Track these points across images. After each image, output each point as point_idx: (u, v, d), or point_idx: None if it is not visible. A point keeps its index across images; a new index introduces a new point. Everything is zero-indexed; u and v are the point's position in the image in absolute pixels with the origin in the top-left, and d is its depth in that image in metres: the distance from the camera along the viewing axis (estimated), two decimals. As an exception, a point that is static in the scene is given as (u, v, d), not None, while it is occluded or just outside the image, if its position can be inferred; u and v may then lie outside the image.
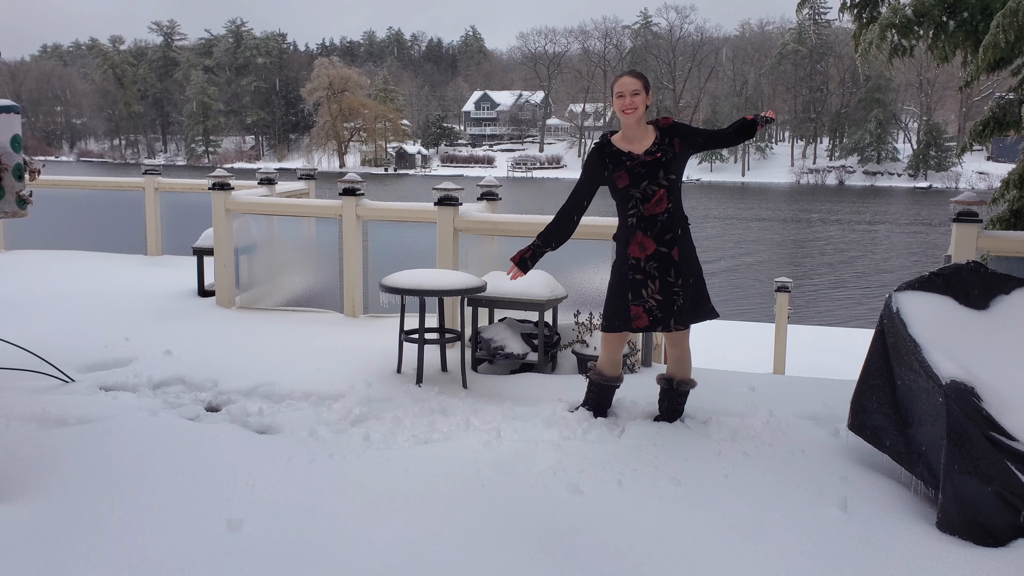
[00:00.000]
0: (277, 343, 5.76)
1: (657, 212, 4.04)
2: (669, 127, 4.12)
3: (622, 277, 4.12)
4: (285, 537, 3.08)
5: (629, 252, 4.09)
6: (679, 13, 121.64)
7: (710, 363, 6.55)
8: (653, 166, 4.03)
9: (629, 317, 4.10)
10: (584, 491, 3.52)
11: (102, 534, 3.06)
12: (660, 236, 4.06)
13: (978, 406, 3.24)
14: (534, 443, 4.05)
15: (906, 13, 6.06)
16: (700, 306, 4.17)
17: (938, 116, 75.37)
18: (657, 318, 4.09)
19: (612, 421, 4.35)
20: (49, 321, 6.22)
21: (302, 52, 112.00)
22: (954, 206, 5.15)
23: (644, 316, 4.08)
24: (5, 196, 3.96)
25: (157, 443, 3.91)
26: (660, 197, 4.03)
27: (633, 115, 4.03)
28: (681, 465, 3.80)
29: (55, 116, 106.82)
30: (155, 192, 9.28)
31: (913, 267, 29.45)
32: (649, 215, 4.04)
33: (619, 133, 4.16)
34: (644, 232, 4.05)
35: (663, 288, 4.06)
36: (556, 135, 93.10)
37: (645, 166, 4.03)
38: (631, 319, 4.10)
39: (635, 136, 4.10)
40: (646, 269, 4.06)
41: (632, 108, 4.02)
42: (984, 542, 3.10)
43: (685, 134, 4.12)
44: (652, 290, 4.06)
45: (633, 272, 4.08)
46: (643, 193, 4.03)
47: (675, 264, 4.07)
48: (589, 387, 4.38)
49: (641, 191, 4.03)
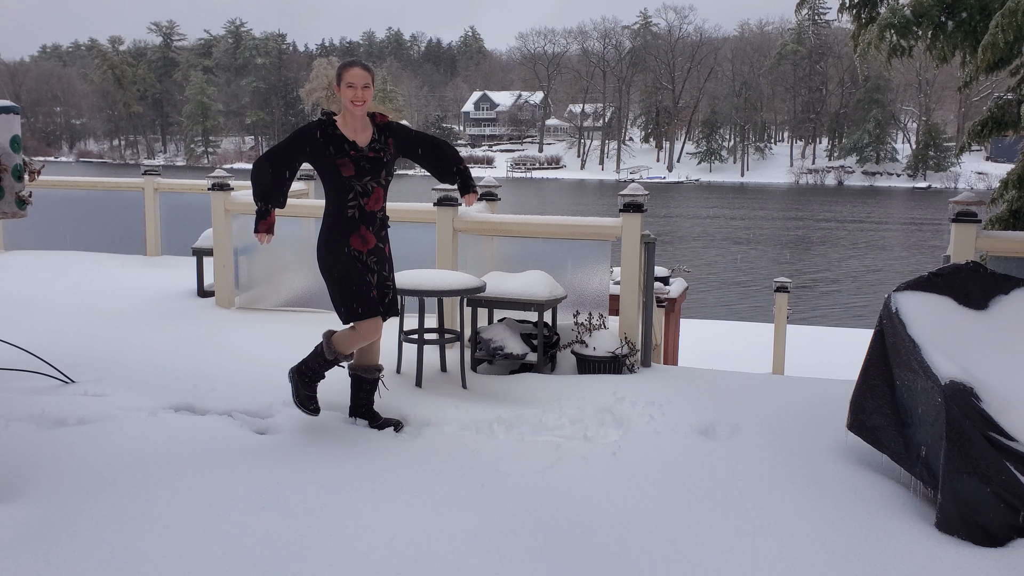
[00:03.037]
0: (277, 343, 5.76)
1: (376, 209, 4.16)
2: (385, 125, 4.20)
3: (352, 266, 4.09)
4: (285, 537, 3.08)
5: (352, 244, 4.10)
6: (678, 13, 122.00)
7: (709, 363, 6.57)
8: (376, 164, 4.11)
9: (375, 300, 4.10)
10: (584, 491, 3.52)
11: (102, 534, 3.06)
12: (378, 232, 4.20)
13: (977, 406, 3.24)
14: (533, 443, 4.06)
15: (905, 13, 6.06)
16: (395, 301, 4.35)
17: (937, 116, 75.44)
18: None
19: (610, 421, 4.35)
20: (49, 321, 6.22)
21: (301, 52, 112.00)
22: (953, 206, 5.16)
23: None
24: (5, 196, 3.96)
25: (157, 443, 3.91)
26: (379, 196, 4.16)
27: (362, 107, 4.06)
28: (681, 465, 3.80)
29: (54, 116, 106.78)
30: (154, 192, 9.27)
31: (912, 267, 29.47)
32: (370, 211, 4.14)
33: (341, 117, 4.12)
34: (366, 227, 4.14)
35: (380, 282, 4.22)
36: (555, 135, 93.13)
37: (370, 162, 4.09)
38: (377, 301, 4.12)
39: (358, 127, 4.12)
40: (367, 263, 4.16)
41: (362, 101, 4.03)
42: (983, 542, 3.10)
43: (399, 134, 4.22)
44: (371, 284, 4.17)
45: (359, 263, 4.12)
46: (363, 187, 4.09)
47: (388, 260, 4.28)
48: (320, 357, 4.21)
49: (363, 185, 4.09)
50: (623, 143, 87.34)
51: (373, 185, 4.10)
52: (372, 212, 4.14)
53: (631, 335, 5.43)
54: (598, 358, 5.25)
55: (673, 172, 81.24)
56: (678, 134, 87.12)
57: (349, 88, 4.02)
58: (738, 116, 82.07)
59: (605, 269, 5.73)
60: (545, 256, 5.67)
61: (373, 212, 4.14)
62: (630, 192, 5.43)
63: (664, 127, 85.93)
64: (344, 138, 4.06)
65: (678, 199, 59.69)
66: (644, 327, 5.55)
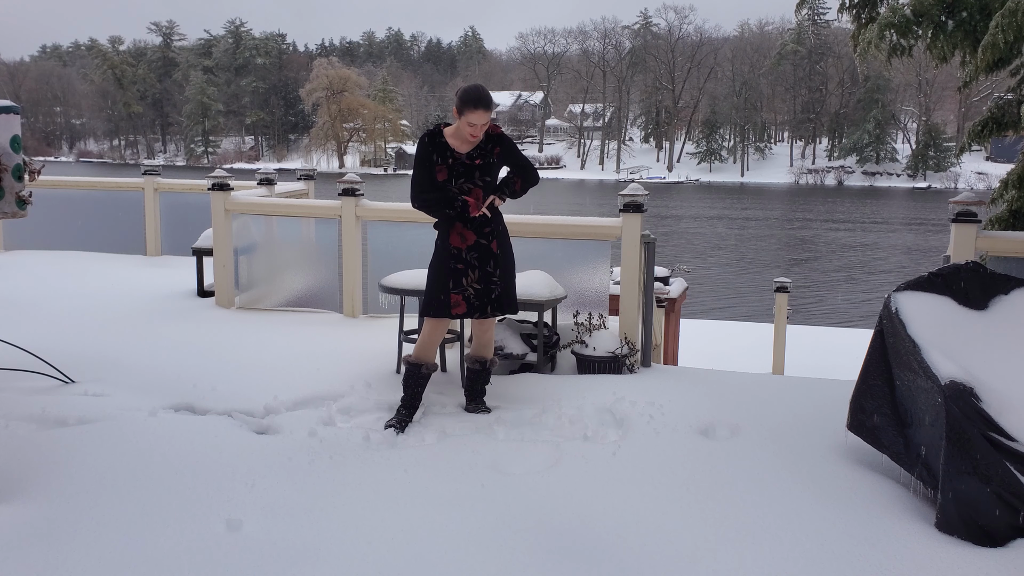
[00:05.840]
0: (276, 343, 5.76)
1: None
2: (498, 136, 4.40)
3: (443, 265, 4.35)
4: (285, 537, 3.08)
5: (451, 242, 4.35)
6: (678, 14, 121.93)
7: (709, 363, 6.57)
8: (470, 169, 4.34)
9: (449, 304, 4.33)
10: (583, 491, 3.52)
11: (102, 534, 3.06)
12: (479, 229, 4.36)
13: (977, 406, 3.24)
14: (533, 443, 4.06)
15: (905, 13, 6.06)
16: (510, 298, 4.49)
17: (937, 116, 75.40)
18: (474, 305, 4.37)
19: (610, 421, 4.35)
20: (49, 321, 6.22)
21: (301, 52, 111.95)
22: (953, 206, 5.15)
23: (463, 304, 4.36)
24: (5, 196, 3.96)
25: (157, 443, 3.91)
26: (477, 195, 4.34)
27: (475, 140, 4.32)
28: (680, 465, 3.80)
29: (54, 116, 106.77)
30: (154, 192, 9.27)
31: (912, 267, 29.47)
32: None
33: (452, 128, 4.39)
34: (464, 224, 4.35)
35: (482, 277, 4.36)
36: (555, 135, 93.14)
37: (464, 167, 4.33)
38: (451, 306, 4.33)
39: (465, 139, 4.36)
40: (467, 259, 4.34)
41: (475, 136, 4.29)
42: (983, 542, 3.10)
43: (506, 146, 4.42)
44: (471, 279, 4.35)
45: (455, 261, 4.34)
46: (460, 189, 4.32)
47: (494, 255, 4.40)
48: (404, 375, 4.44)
49: (459, 187, 4.32)
50: (623, 143, 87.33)
51: (470, 187, 4.33)
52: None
53: (631, 335, 5.43)
54: (598, 358, 5.25)
55: (673, 172, 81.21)
56: (678, 134, 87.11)
57: (469, 126, 4.25)
58: (738, 116, 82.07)
59: (605, 269, 5.73)
60: (545, 256, 5.67)
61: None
62: (630, 192, 5.43)
63: (664, 127, 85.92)
64: (447, 146, 4.34)
65: (678, 199, 59.68)
66: (644, 327, 5.55)
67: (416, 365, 4.38)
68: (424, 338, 4.42)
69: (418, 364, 4.38)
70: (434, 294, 4.35)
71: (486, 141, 4.37)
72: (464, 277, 4.34)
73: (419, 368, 4.38)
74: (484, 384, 4.63)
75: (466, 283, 4.35)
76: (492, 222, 4.40)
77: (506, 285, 4.46)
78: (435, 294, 4.35)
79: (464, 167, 4.32)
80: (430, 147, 4.34)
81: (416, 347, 4.44)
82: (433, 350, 4.45)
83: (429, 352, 4.42)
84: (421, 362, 4.38)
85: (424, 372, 4.39)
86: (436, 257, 4.41)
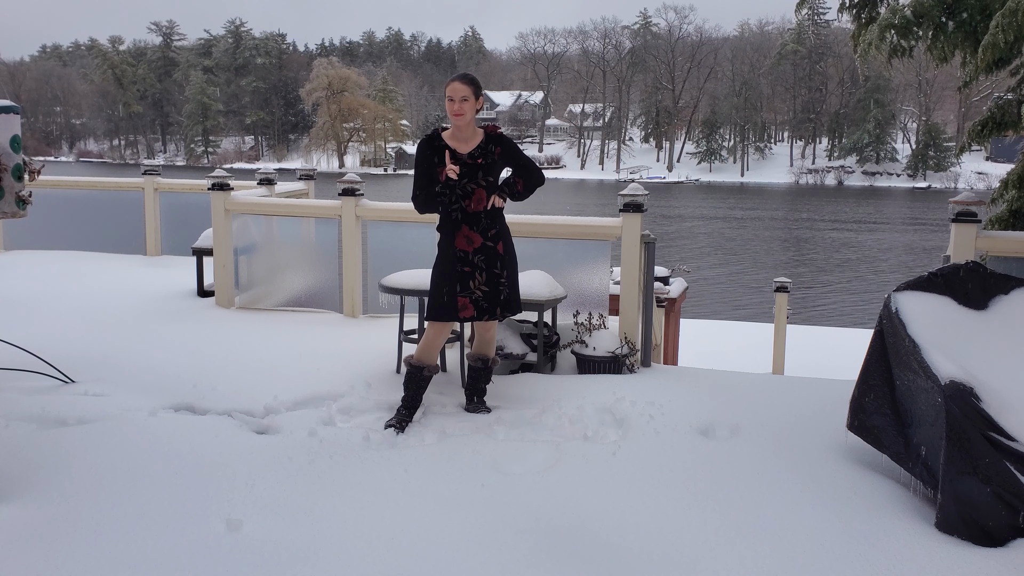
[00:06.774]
0: (276, 343, 5.76)
1: (479, 209, 4.34)
2: (497, 136, 4.41)
3: (449, 268, 4.33)
4: (285, 537, 3.08)
5: (456, 245, 4.33)
6: (678, 13, 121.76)
7: (709, 363, 6.56)
8: (472, 168, 4.32)
9: (456, 308, 4.32)
10: (583, 491, 3.52)
11: (102, 534, 3.06)
12: (485, 231, 4.35)
13: (977, 406, 3.24)
14: (533, 443, 4.06)
15: (905, 13, 6.06)
16: (517, 298, 4.51)
17: (937, 116, 75.40)
18: (483, 308, 4.36)
19: (610, 421, 4.35)
20: (49, 321, 6.22)
21: (301, 52, 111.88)
22: (953, 206, 5.15)
23: (470, 307, 4.34)
24: (5, 196, 3.96)
25: (157, 443, 3.91)
26: (480, 196, 4.32)
27: (462, 119, 4.27)
28: (680, 465, 3.80)
29: (54, 116, 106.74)
30: (154, 192, 9.26)
31: (912, 267, 29.47)
32: (472, 212, 4.33)
33: (449, 130, 4.40)
34: (470, 227, 4.33)
35: (490, 280, 4.35)
36: (555, 135, 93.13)
37: (466, 166, 4.31)
38: (458, 310, 4.33)
39: (463, 136, 4.36)
40: (474, 262, 4.32)
41: (460, 113, 4.25)
42: (983, 542, 3.10)
43: (507, 146, 4.41)
44: (479, 282, 4.33)
45: (461, 264, 4.32)
46: (463, 190, 4.32)
47: (500, 257, 4.39)
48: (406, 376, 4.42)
49: (462, 188, 4.31)
50: (623, 143, 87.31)
51: (473, 187, 4.31)
52: (476, 213, 4.34)
53: (631, 335, 5.43)
54: (598, 358, 5.25)
55: (673, 172, 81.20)
56: (678, 134, 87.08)
57: (449, 102, 4.25)
58: (738, 116, 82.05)
59: (605, 269, 5.73)
60: (545, 256, 5.67)
61: (477, 213, 4.34)
62: (630, 192, 5.43)
63: (664, 127, 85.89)
64: (446, 147, 4.33)
65: (678, 199, 59.69)
66: (644, 327, 5.55)
67: (418, 367, 4.38)
68: (427, 340, 4.42)
69: (420, 366, 4.37)
70: (440, 298, 4.33)
71: (487, 141, 4.37)
72: (471, 280, 4.33)
73: (421, 370, 4.38)
74: (485, 383, 4.64)
75: (473, 286, 4.33)
76: (495, 223, 4.39)
77: (512, 286, 4.47)
78: (441, 298, 4.33)
79: (466, 167, 4.31)
80: (428, 151, 4.35)
81: (418, 349, 4.44)
82: (435, 352, 4.44)
83: (431, 354, 4.42)
84: (423, 364, 4.38)
85: (426, 374, 4.39)
86: (440, 260, 4.39)
